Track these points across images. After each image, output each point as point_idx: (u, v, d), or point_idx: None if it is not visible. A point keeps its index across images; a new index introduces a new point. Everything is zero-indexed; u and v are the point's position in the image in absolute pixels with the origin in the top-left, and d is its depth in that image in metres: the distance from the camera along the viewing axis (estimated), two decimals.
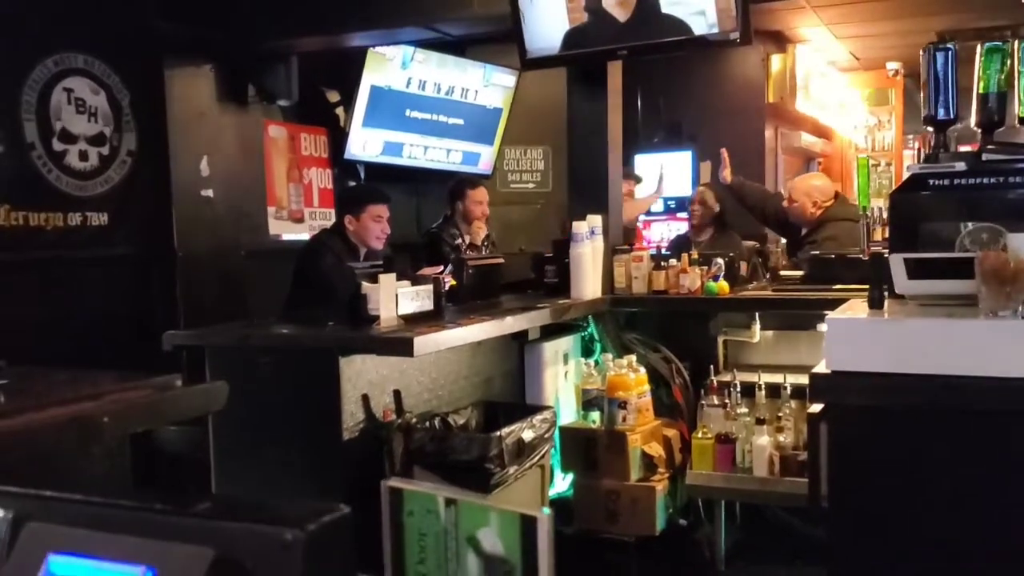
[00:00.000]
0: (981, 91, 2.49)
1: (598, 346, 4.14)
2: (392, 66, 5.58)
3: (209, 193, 4.93)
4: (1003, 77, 2.49)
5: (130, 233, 4.50)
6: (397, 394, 3.05)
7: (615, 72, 4.19)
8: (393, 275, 3.12)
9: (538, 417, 3.16)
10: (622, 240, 4.43)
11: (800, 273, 4.12)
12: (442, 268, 3.92)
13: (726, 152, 5.19)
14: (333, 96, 6.05)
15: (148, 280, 4.60)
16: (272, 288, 4.44)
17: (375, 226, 4.18)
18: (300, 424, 2.95)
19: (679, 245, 5.18)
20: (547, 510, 2.10)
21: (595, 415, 3.75)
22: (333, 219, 5.14)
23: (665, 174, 5.98)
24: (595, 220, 3.98)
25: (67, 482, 1.76)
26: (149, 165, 4.61)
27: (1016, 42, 2.49)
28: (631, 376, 3.69)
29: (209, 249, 4.88)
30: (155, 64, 4.65)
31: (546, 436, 3.18)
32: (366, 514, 2.81)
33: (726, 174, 5.17)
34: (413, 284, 3.23)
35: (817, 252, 4.12)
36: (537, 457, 3.11)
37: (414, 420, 2.97)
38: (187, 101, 4.81)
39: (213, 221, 4.94)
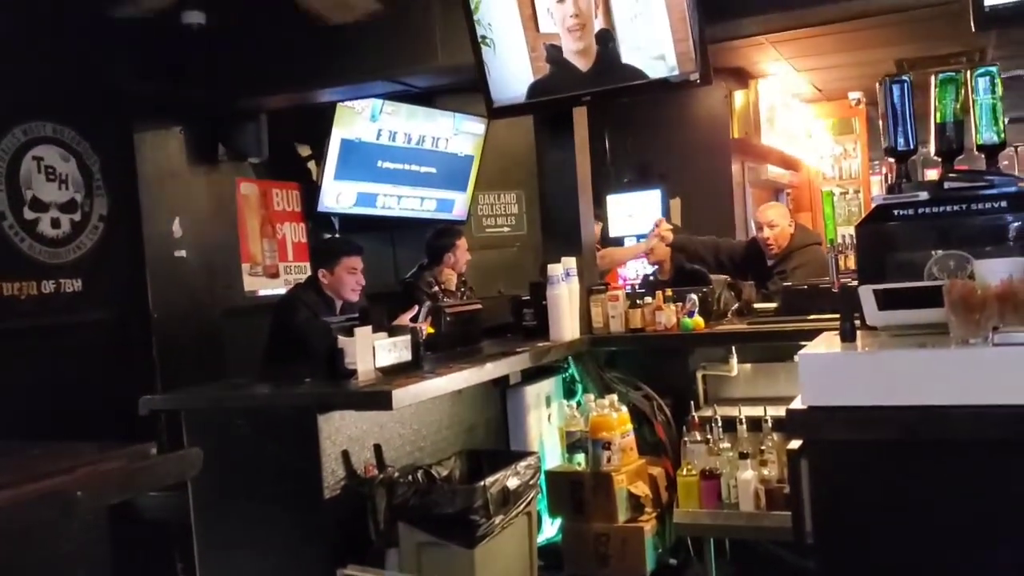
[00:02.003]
0: (938, 121, 2.54)
1: (579, 387, 4.14)
2: (361, 119, 5.62)
3: (182, 253, 4.92)
4: (958, 106, 2.55)
5: (104, 298, 4.48)
6: (378, 448, 3.03)
7: (581, 117, 4.25)
8: (369, 328, 3.11)
9: (522, 464, 3.14)
10: (597, 280, 4.45)
11: (774, 305, 4.15)
12: (416, 311, 3.91)
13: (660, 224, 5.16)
14: (304, 150, 6.09)
15: (124, 344, 4.56)
16: (250, 344, 4.42)
17: (350, 278, 4.18)
18: (281, 484, 2.91)
19: (656, 283, 5.19)
20: None
21: (580, 457, 3.73)
22: (309, 272, 5.14)
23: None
24: (569, 262, 4.00)
25: (44, 558, 1.73)
26: (121, 229, 4.60)
27: (968, 72, 2.55)
28: (613, 416, 3.69)
29: (184, 309, 4.85)
30: (124, 128, 4.66)
31: (531, 483, 3.16)
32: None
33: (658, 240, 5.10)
34: (390, 335, 3.22)
35: (789, 284, 4.15)
36: (523, 504, 3.09)
37: (396, 474, 2.94)
38: (157, 163, 4.82)
39: (187, 281, 4.92)
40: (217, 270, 5.17)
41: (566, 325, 3.93)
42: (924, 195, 2.43)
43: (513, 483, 3.01)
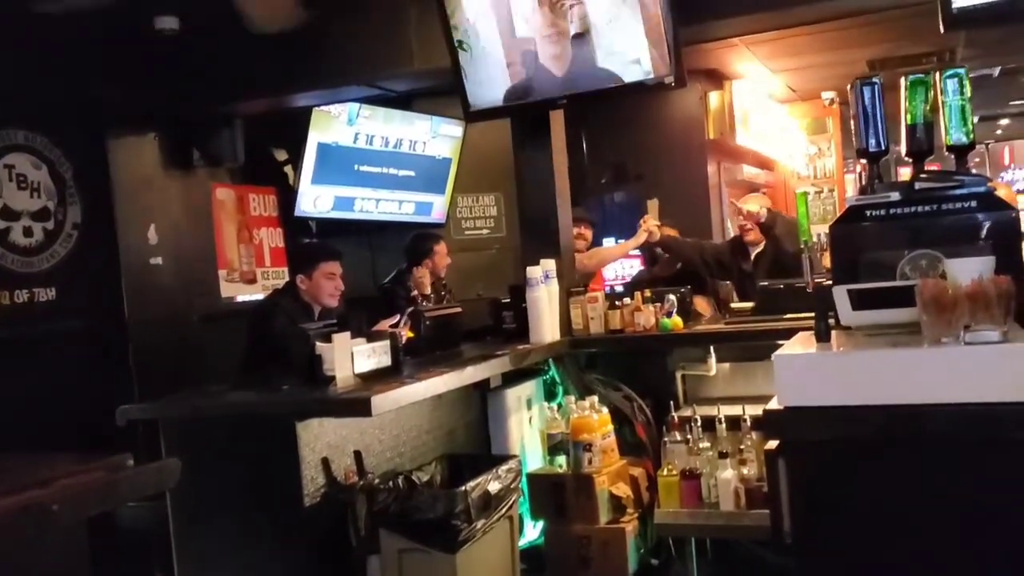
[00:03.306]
0: (909, 123, 2.57)
1: (560, 389, 4.15)
2: (338, 123, 5.60)
3: (158, 260, 4.88)
4: (928, 107, 2.58)
5: (79, 307, 4.44)
6: (358, 455, 3.02)
7: (557, 120, 4.27)
8: (347, 334, 3.10)
9: (503, 467, 3.14)
10: (577, 282, 4.47)
11: (751, 305, 4.18)
12: (396, 319, 3.91)
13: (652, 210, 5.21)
14: (281, 155, 6.06)
15: (100, 353, 4.52)
16: (228, 350, 4.38)
17: (328, 284, 4.16)
18: (260, 492, 2.90)
19: (636, 284, 5.24)
20: None
21: (561, 459, 3.74)
22: (287, 278, 5.12)
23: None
24: (548, 264, 4.01)
25: (22, 572, 1.72)
26: (95, 237, 4.56)
27: (938, 73, 2.59)
28: (594, 417, 3.70)
29: (161, 317, 4.81)
30: (97, 134, 4.62)
31: (512, 486, 3.16)
32: None
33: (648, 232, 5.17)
34: (369, 341, 3.21)
35: (766, 283, 4.19)
36: (505, 508, 3.09)
37: (376, 480, 2.94)
38: (131, 170, 4.78)
39: (163, 288, 4.89)
40: (193, 277, 5.14)
41: (546, 327, 3.94)
42: (896, 196, 2.46)
43: (494, 487, 3.01)
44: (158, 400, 3.28)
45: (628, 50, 3.72)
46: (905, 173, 2.68)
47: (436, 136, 6.23)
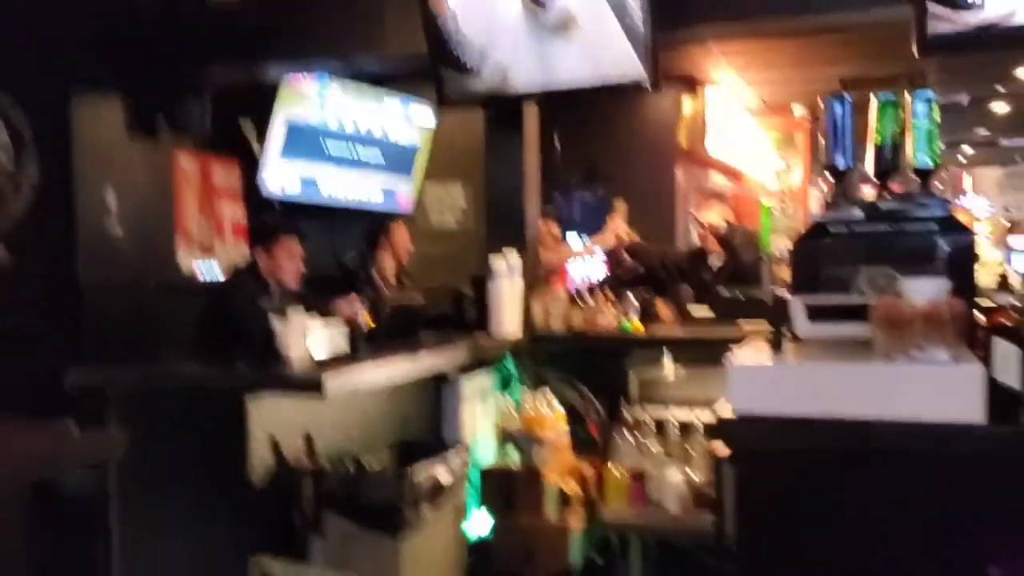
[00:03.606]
0: (877, 142, 2.61)
1: (516, 383, 4.15)
2: (309, 101, 5.54)
3: (116, 226, 4.79)
4: (897, 129, 2.61)
5: (32, 269, 4.34)
6: (308, 437, 2.99)
7: (532, 114, 4.26)
8: (305, 314, 3.07)
9: (454, 458, 3.14)
10: (541, 277, 4.47)
11: (709, 312, 4.22)
12: (355, 299, 3.87)
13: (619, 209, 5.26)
14: (249, 129, 5.97)
15: (51, 317, 4.43)
16: (182, 322, 4.31)
17: (288, 263, 4.11)
18: (206, 468, 2.87)
19: (600, 284, 5.25)
20: None
21: (513, 453, 3.75)
22: (246, 252, 5.06)
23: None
24: (513, 257, 4.01)
25: None
26: (53, 198, 4.46)
27: (908, 95, 2.62)
28: (548, 413, 3.71)
29: (116, 283, 4.72)
30: (61, 95, 4.52)
31: (462, 476, 3.17)
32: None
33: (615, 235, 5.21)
34: (326, 322, 3.18)
35: (725, 292, 4.22)
36: (453, 498, 3.09)
37: (325, 463, 2.92)
38: (94, 133, 4.68)
39: (120, 254, 4.79)
40: (151, 245, 5.04)
41: (507, 321, 3.94)
42: (859, 213, 2.49)
43: (444, 477, 3.01)
44: (108, 366, 3.22)
45: (607, 50, 3.73)
46: (869, 192, 2.71)
47: (407, 122, 6.19)
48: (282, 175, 5.58)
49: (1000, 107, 9.06)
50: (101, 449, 2.05)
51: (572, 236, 6.40)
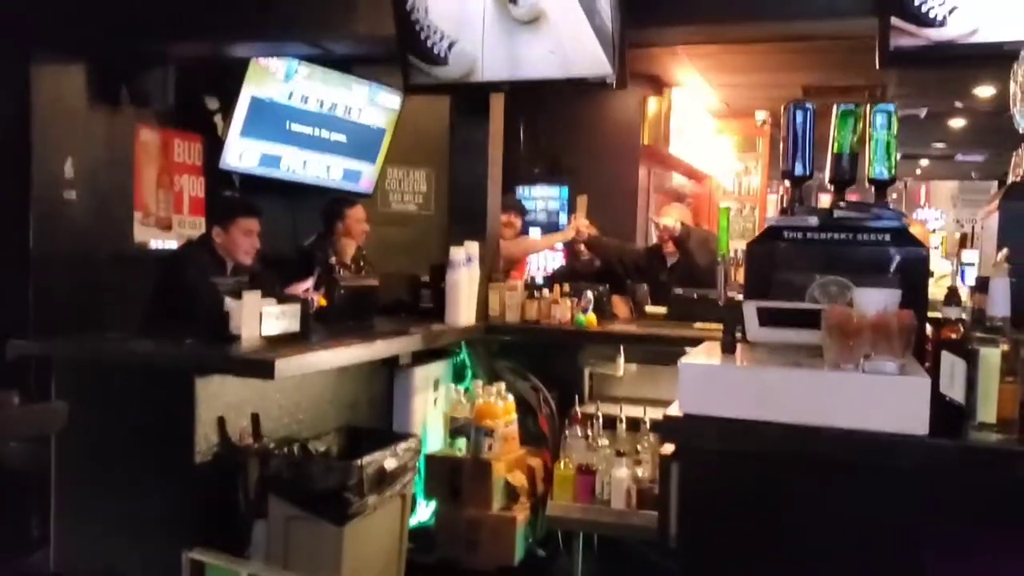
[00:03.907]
0: (835, 151, 2.64)
1: (469, 372, 4.15)
2: (275, 79, 5.48)
3: (72, 195, 4.68)
4: (855, 139, 2.65)
5: None
6: (255, 418, 2.97)
7: (498, 104, 4.25)
8: (258, 292, 3.04)
9: (402, 445, 3.13)
10: (499, 268, 4.47)
11: (664, 311, 4.25)
12: (309, 284, 3.85)
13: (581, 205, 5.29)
14: (212, 103, 5.88)
15: None
16: (134, 296, 4.24)
17: (244, 240, 4.08)
18: (151, 445, 2.83)
19: (556, 277, 5.28)
20: None
21: (462, 443, 3.75)
22: (204, 228, 4.99)
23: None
24: (472, 247, 4.00)
25: None
26: (7, 163, 4.35)
27: (868, 106, 2.66)
28: (499, 404, 3.72)
29: (67, 253, 4.62)
30: (20, 59, 4.40)
31: (409, 465, 3.16)
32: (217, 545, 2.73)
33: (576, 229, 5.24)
34: (280, 302, 3.15)
35: (681, 292, 4.26)
36: (399, 486, 3.08)
37: (272, 445, 2.89)
38: (54, 99, 4.56)
39: (74, 224, 4.69)
40: (107, 217, 4.95)
41: (463, 310, 3.93)
42: (814, 221, 2.52)
43: (390, 464, 3.00)
44: (53, 338, 3.16)
45: (575, 45, 3.73)
46: (825, 200, 2.75)
47: (373, 104, 6.15)
48: (243, 151, 5.51)
49: (957, 123, 9.24)
50: (42, 421, 2.01)
51: (533, 228, 6.42)
